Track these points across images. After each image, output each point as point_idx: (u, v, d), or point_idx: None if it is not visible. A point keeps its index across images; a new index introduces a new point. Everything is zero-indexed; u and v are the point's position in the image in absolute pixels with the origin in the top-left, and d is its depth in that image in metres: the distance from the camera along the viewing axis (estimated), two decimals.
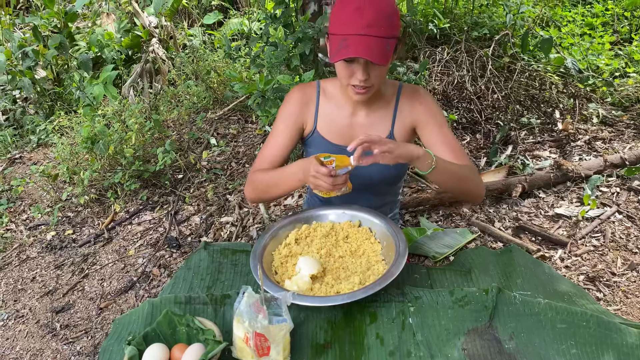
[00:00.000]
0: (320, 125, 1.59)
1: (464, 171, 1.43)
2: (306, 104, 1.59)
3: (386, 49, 1.30)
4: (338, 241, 1.47)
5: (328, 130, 1.59)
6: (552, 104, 3.62)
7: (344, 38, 1.30)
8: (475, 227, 2.59)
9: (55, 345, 2.27)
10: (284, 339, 1.15)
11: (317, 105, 1.59)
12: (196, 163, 3.43)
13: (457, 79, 3.63)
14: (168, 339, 1.21)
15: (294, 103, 1.60)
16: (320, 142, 1.60)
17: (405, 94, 1.55)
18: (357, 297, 1.20)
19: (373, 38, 1.28)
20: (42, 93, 4.53)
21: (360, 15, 1.27)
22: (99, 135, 3.14)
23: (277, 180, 1.50)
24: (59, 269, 2.74)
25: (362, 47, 1.27)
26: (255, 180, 1.56)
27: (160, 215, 3.04)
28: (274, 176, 1.51)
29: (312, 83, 1.63)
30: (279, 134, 1.60)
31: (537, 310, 1.21)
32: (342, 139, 1.58)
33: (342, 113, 1.57)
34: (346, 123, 1.57)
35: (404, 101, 1.54)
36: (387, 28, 1.29)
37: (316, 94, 1.59)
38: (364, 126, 1.56)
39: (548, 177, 2.81)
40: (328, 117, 1.58)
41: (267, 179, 1.53)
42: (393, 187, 1.74)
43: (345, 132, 1.57)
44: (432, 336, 1.19)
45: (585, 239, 2.45)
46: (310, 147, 1.64)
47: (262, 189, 1.55)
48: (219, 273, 1.50)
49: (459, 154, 1.48)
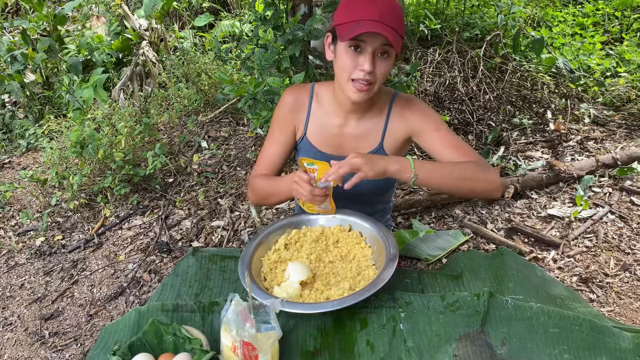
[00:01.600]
0: (310, 131, 1.57)
1: (462, 170, 1.33)
2: (297, 109, 1.57)
3: (397, 41, 1.28)
4: (328, 246, 1.45)
5: (317, 137, 1.57)
6: (543, 104, 3.62)
7: (356, 22, 1.27)
8: (467, 229, 2.58)
9: (44, 353, 2.24)
10: (273, 347, 1.13)
11: (309, 111, 1.56)
12: (187, 166, 3.41)
13: (448, 80, 3.63)
14: (154, 349, 1.19)
15: (285, 108, 1.58)
16: (308, 148, 1.58)
17: (397, 104, 1.51)
18: (347, 303, 1.18)
19: (386, 26, 1.25)
20: (31, 97, 4.49)
21: (373, 4, 1.26)
22: (88, 139, 3.11)
23: (273, 190, 1.54)
24: (48, 275, 2.70)
25: (377, 28, 1.25)
26: (256, 186, 1.61)
27: (151, 220, 3.01)
28: (271, 185, 1.55)
29: (307, 86, 1.59)
30: (274, 140, 1.61)
31: (529, 314, 1.20)
32: (330, 147, 1.56)
33: (333, 122, 1.54)
34: (336, 133, 1.54)
35: (396, 111, 1.51)
36: (398, 24, 1.28)
37: (309, 98, 1.57)
38: (354, 137, 1.53)
39: (540, 177, 2.81)
40: (318, 124, 1.56)
41: (265, 187, 1.57)
42: (383, 196, 1.72)
43: (334, 142, 1.55)
44: (423, 342, 1.17)
45: (578, 240, 2.44)
46: (300, 153, 1.62)
47: (262, 196, 1.61)
48: (207, 280, 1.47)
49: (464, 151, 1.40)
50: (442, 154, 1.43)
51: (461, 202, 2.79)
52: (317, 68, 2.65)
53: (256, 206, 1.64)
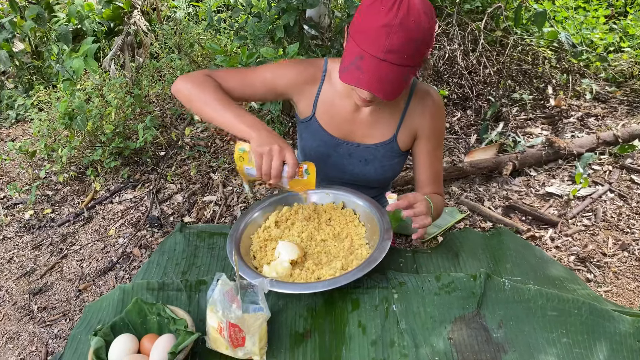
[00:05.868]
0: (320, 112, 1.45)
1: (439, 209, 1.43)
2: (309, 83, 1.43)
3: (402, 80, 1.16)
4: (320, 224, 1.39)
5: (327, 119, 1.46)
6: (544, 79, 3.54)
7: (360, 56, 1.14)
8: (464, 207, 2.53)
9: (33, 328, 2.21)
10: (260, 328, 1.09)
11: (320, 89, 1.44)
12: (179, 140, 3.33)
13: (448, 53, 3.53)
14: (138, 329, 1.15)
15: (297, 71, 1.41)
16: (317, 130, 1.47)
17: (418, 96, 1.41)
18: (338, 283, 1.14)
19: (391, 66, 1.12)
20: (20, 67, 4.38)
21: (386, 35, 1.10)
22: (77, 110, 3.02)
23: (222, 117, 1.25)
24: (37, 249, 2.66)
25: (375, 77, 1.13)
26: (202, 88, 1.29)
27: (142, 194, 2.95)
28: (223, 111, 1.25)
29: (319, 62, 1.45)
30: (260, 81, 1.39)
31: (527, 297, 1.16)
32: (340, 132, 1.46)
33: (345, 105, 1.42)
34: (348, 117, 1.44)
35: (415, 103, 1.41)
36: (411, 57, 1.13)
37: (322, 75, 1.43)
38: (367, 124, 1.44)
39: (539, 154, 2.75)
40: (329, 105, 1.44)
41: (212, 103, 1.27)
42: (387, 183, 1.66)
43: (345, 127, 1.45)
44: (416, 324, 1.13)
45: (576, 219, 2.40)
46: (305, 132, 1.51)
47: (198, 105, 1.30)
48: (194, 257, 1.42)
49: (437, 181, 1.49)
50: (423, 173, 1.47)
51: (458, 178, 2.74)
52: (312, 39, 2.56)
53: (178, 99, 1.39)
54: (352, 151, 1.48)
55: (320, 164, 1.50)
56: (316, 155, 1.50)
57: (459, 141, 3.11)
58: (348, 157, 1.49)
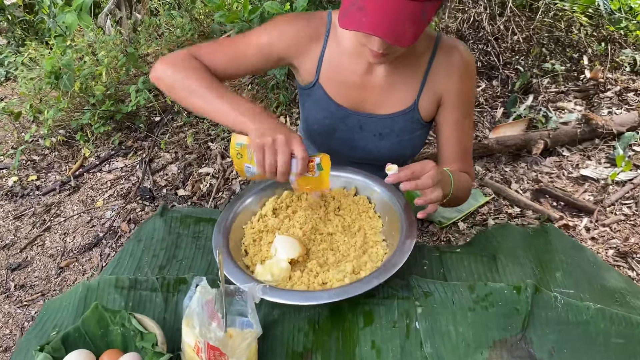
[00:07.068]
0: (324, 76, 1.19)
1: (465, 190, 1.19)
2: (310, 40, 1.16)
3: (420, 18, 0.90)
4: (328, 214, 1.15)
5: (333, 85, 1.19)
6: (579, 48, 3.24)
7: None
8: (488, 189, 2.28)
9: (8, 308, 2.02)
10: (249, 350, 0.86)
11: (324, 48, 1.17)
12: (174, 104, 3.07)
13: (473, 17, 3.24)
14: (97, 343, 0.93)
15: (298, 27, 1.16)
16: (321, 97, 1.21)
17: (443, 51, 1.15)
18: (347, 294, 0.91)
19: (403, 1, 0.87)
20: (12, 21, 4.09)
21: None
22: (64, 69, 2.76)
23: (212, 106, 1.04)
24: (19, 220, 2.45)
25: (382, 17, 0.88)
26: (185, 72, 1.08)
27: (134, 163, 2.72)
28: (212, 99, 1.04)
29: (322, 14, 1.18)
30: (254, 49, 1.16)
31: (585, 318, 0.93)
32: (349, 101, 1.20)
33: (354, 68, 1.16)
34: (358, 82, 1.17)
35: (440, 62, 1.15)
36: None
37: (326, 29, 1.16)
38: (382, 90, 1.17)
39: (574, 132, 2.48)
40: (335, 67, 1.17)
41: (199, 90, 1.06)
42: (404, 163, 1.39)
43: (355, 94, 1.19)
44: (445, 348, 0.90)
45: (615, 207, 2.15)
46: (308, 101, 1.26)
47: (183, 95, 1.09)
48: (176, 248, 1.19)
49: (466, 158, 1.24)
50: (448, 147, 1.22)
51: (482, 157, 2.47)
52: None
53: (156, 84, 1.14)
54: (363, 123, 1.22)
55: (325, 139, 1.27)
56: (321, 128, 1.24)
57: (484, 115, 2.83)
58: (359, 130, 1.23)
